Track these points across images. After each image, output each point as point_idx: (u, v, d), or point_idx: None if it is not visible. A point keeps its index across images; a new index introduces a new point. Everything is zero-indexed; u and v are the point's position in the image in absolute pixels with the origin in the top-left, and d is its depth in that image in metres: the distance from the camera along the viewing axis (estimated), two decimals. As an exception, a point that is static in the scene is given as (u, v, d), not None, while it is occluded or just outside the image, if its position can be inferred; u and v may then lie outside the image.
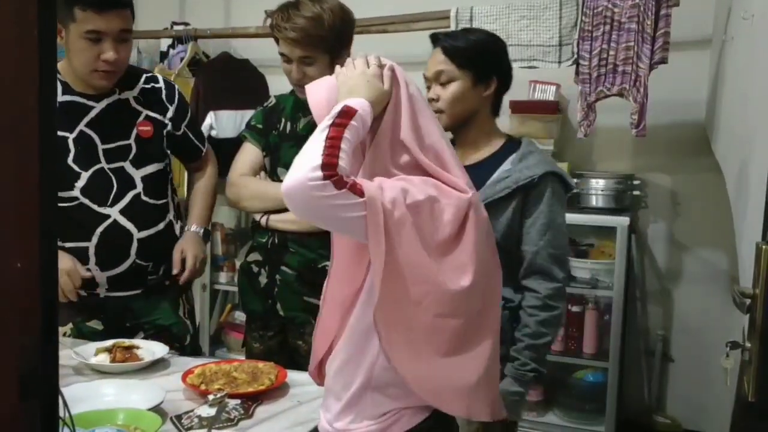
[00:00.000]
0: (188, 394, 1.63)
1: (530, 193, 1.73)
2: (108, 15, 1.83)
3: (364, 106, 1.24)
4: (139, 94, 2.02)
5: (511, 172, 1.74)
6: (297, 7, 1.93)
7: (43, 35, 0.67)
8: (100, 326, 2.00)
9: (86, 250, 1.92)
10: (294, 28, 1.90)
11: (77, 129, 1.92)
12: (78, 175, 1.91)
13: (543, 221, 1.72)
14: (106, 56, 1.85)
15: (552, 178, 1.74)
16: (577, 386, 3.23)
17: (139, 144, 1.98)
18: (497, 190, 1.72)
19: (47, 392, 0.72)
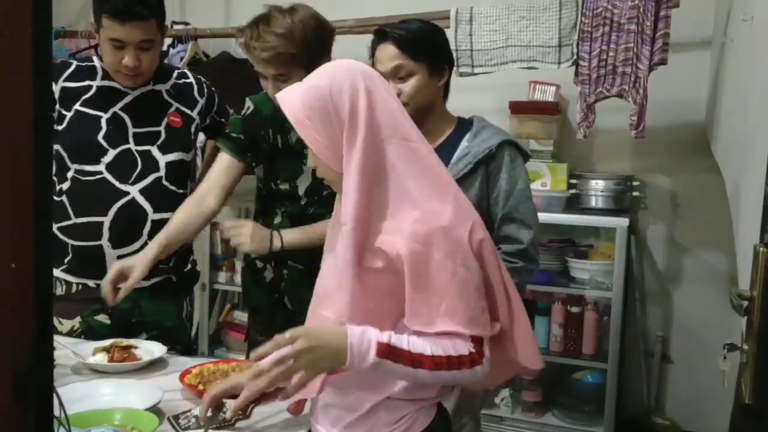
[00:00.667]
0: (186, 394, 1.63)
1: (490, 164, 1.81)
2: (129, 26, 1.89)
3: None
4: (171, 88, 2.11)
5: (470, 148, 1.83)
6: (267, 23, 1.84)
7: (37, 36, 0.67)
8: (108, 320, 2.03)
9: (101, 225, 1.97)
10: (264, 48, 1.81)
11: (111, 111, 2.02)
12: (106, 151, 1.99)
13: (505, 188, 1.80)
14: (126, 63, 1.93)
15: (508, 146, 1.83)
16: (576, 387, 3.23)
17: (168, 131, 2.06)
18: (460, 168, 1.80)
19: (42, 392, 0.73)
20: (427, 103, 1.85)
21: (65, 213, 1.99)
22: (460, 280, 1.19)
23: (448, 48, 1.94)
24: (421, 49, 1.81)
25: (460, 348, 1.19)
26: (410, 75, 1.81)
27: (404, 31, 1.82)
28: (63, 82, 2.01)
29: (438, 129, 1.89)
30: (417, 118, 1.82)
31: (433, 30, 1.90)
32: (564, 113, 3.33)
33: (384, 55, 1.83)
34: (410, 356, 1.17)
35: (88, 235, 1.98)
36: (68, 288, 2.03)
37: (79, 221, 1.98)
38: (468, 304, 1.19)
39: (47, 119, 0.72)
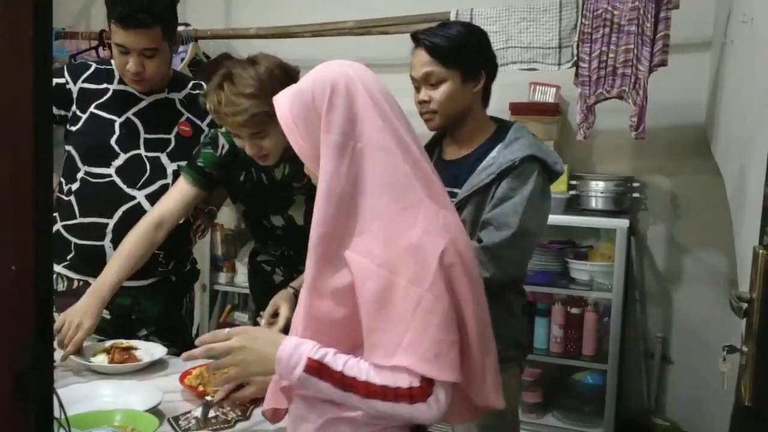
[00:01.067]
0: (186, 395, 1.63)
1: (510, 175, 1.72)
2: (133, 32, 1.91)
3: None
4: (185, 98, 2.13)
5: (496, 158, 1.76)
6: (232, 82, 1.70)
7: (37, 38, 0.67)
8: (108, 316, 2.03)
9: (105, 226, 2.00)
10: (237, 112, 1.68)
11: (125, 115, 2.04)
12: (117, 155, 2.01)
13: (498, 195, 1.71)
14: (129, 68, 1.95)
15: (530, 161, 1.73)
16: (576, 388, 3.23)
17: (178, 140, 2.08)
18: (483, 178, 1.75)
19: (42, 392, 0.73)
20: (459, 110, 1.80)
21: (71, 212, 2.02)
22: (426, 309, 1.08)
23: (488, 52, 1.85)
24: (453, 55, 1.75)
25: (399, 380, 1.09)
26: (441, 82, 1.77)
27: (437, 38, 1.77)
28: (82, 83, 2.04)
29: (474, 136, 1.84)
30: (450, 125, 1.83)
31: (469, 35, 1.81)
32: (564, 114, 3.33)
33: (416, 61, 1.80)
34: (342, 378, 1.11)
35: (91, 235, 2.01)
36: (69, 284, 2.06)
37: (84, 221, 2.01)
38: (433, 338, 1.08)
39: (47, 120, 0.72)
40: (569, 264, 3.21)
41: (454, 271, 1.12)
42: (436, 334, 1.08)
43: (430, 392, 1.09)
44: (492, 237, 1.70)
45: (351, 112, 1.16)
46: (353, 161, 1.15)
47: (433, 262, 1.10)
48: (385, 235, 1.12)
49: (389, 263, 1.10)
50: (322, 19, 3.32)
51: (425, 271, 1.09)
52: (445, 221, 1.16)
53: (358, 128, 1.16)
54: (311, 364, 1.12)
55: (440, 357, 1.07)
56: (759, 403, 1.15)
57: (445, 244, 1.12)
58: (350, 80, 1.18)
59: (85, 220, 2.01)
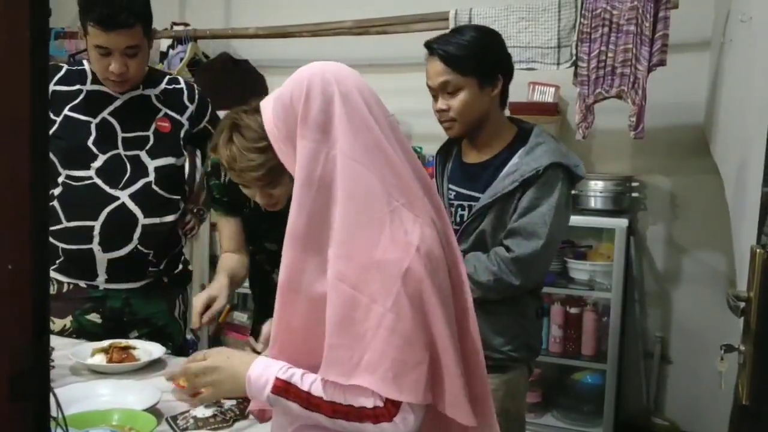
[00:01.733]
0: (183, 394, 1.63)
1: (533, 184, 1.74)
2: (113, 33, 1.88)
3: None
4: (161, 93, 2.10)
5: (519, 165, 1.77)
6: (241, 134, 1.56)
7: (34, 38, 0.67)
8: (99, 320, 2.03)
9: (91, 229, 1.97)
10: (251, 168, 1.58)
11: (100, 116, 2.01)
12: (95, 156, 1.98)
13: (524, 205, 1.73)
14: (113, 69, 1.93)
15: (554, 168, 1.75)
16: (575, 388, 3.23)
17: (156, 137, 2.05)
18: (506, 185, 1.76)
19: (39, 392, 0.72)
20: (478, 116, 1.81)
21: (57, 218, 1.98)
22: (387, 328, 1.04)
23: (503, 54, 1.84)
24: (468, 63, 1.75)
25: (364, 401, 1.08)
26: (458, 90, 1.77)
27: (451, 46, 1.77)
28: (54, 85, 2.01)
29: (494, 141, 1.85)
30: (470, 131, 1.84)
31: (483, 40, 1.79)
32: (563, 114, 3.33)
33: (432, 70, 1.80)
34: (308, 398, 1.11)
35: (78, 239, 1.98)
36: (59, 287, 2.04)
37: (70, 225, 1.98)
38: (393, 358, 1.04)
39: (45, 120, 0.72)
40: (568, 264, 3.22)
41: (422, 289, 1.08)
42: (397, 355, 1.05)
43: (396, 412, 1.07)
44: (522, 248, 1.72)
45: (326, 118, 1.13)
46: (326, 168, 1.11)
47: (396, 280, 1.06)
48: (349, 249, 1.09)
49: (352, 278, 1.07)
50: (321, 19, 3.32)
51: (387, 289, 1.06)
52: (421, 232, 1.10)
53: (332, 134, 1.12)
54: (278, 384, 1.13)
55: (400, 378, 1.05)
56: (756, 402, 1.15)
57: (410, 260, 1.07)
58: (327, 84, 1.14)
59: (71, 224, 1.97)
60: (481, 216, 1.80)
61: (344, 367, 1.07)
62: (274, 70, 3.68)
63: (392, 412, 1.07)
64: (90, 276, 2.00)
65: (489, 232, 1.80)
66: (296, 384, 1.13)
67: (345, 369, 1.07)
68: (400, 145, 1.17)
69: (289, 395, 1.13)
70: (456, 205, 1.89)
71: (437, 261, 1.12)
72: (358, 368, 1.06)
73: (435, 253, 1.12)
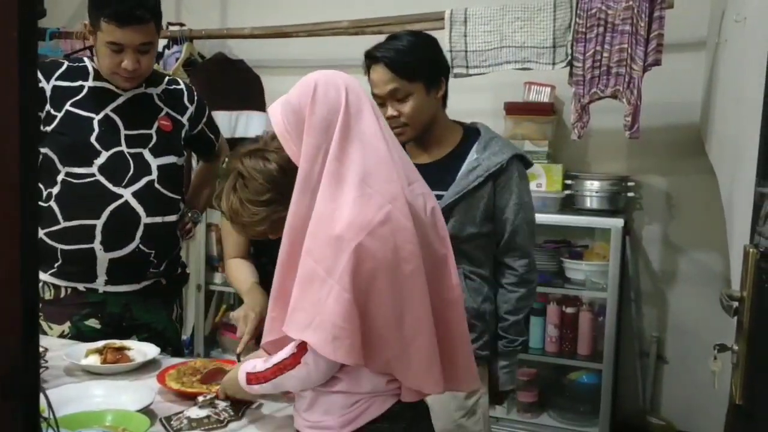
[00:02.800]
0: (180, 395, 1.63)
1: (499, 177, 1.85)
2: (129, 29, 1.89)
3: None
4: (162, 93, 2.11)
5: (480, 161, 1.85)
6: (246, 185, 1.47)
7: (22, 37, 0.66)
8: (98, 325, 2.02)
9: (93, 228, 1.95)
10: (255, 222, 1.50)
11: (103, 112, 2.00)
12: (98, 153, 1.96)
13: (515, 201, 1.87)
14: (126, 66, 1.92)
15: (517, 160, 1.89)
16: (571, 388, 3.23)
17: (159, 135, 2.05)
18: (471, 180, 1.83)
19: (28, 392, 0.72)
20: (427, 119, 1.87)
21: (53, 218, 1.95)
22: (334, 298, 1.21)
23: (442, 57, 1.94)
24: (414, 69, 1.80)
25: (283, 354, 1.32)
26: (407, 96, 1.81)
27: (394, 53, 1.80)
28: (55, 80, 1.98)
29: (443, 139, 1.92)
30: (420, 134, 1.89)
31: (424, 44, 1.87)
32: (559, 114, 3.33)
33: (378, 79, 1.82)
34: (260, 375, 1.37)
35: (79, 239, 1.95)
36: (57, 292, 2.01)
37: (69, 225, 1.95)
38: (333, 323, 1.21)
39: (34, 122, 0.72)
40: (564, 263, 3.22)
41: (371, 266, 1.23)
42: (338, 321, 1.21)
43: (299, 359, 1.29)
44: (525, 266, 1.90)
45: (328, 119, 1.28)
46: (324, 163, 1.27)
47: (344, 255, 1.21)
48: (317, 227, 1.25)
49: (315, 253, 1.24)
50: (317, 19, 3.32)
51: (337, 263, 1.22)
52: (384, 217, 1.24)
53: (329, 133, 1.28)
54: (248, 376, 1.40)
55: (337, 340, 1.22)
56: (750, 402, 1.15)
57: (361, 239, 1.22)
58: (328, 88, 1.30)
59: (71, 223, 1.94)
60: (447, 213, 1.81)
61: (298, 325, 1.25)
62: (270, 70, 3.67)
63: (297, 359, 1.30)
64: (89, 278, 1.98)
65: (456, 227, 1.83)
66: (255, 370, 1.39)
67: (299, 327, 1.25)
68: (389, 135, 1.35)
69: (252, 382, 1.39)
70: None
71: (400, 242, 1.25)
72: (309, 328, 1.24)
73: (399, 235, 1.25)
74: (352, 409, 1.33)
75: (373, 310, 1.25)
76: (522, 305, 1.92)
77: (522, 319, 1.92)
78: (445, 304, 1.37)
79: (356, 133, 1.29)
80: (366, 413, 1.33)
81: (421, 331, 1.30)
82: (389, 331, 1.27)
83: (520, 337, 1.92)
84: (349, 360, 1.24)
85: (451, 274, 1.39)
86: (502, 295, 1.92)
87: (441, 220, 1.42)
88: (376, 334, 1.27)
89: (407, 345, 1.29)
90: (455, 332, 1.39)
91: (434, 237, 1.37)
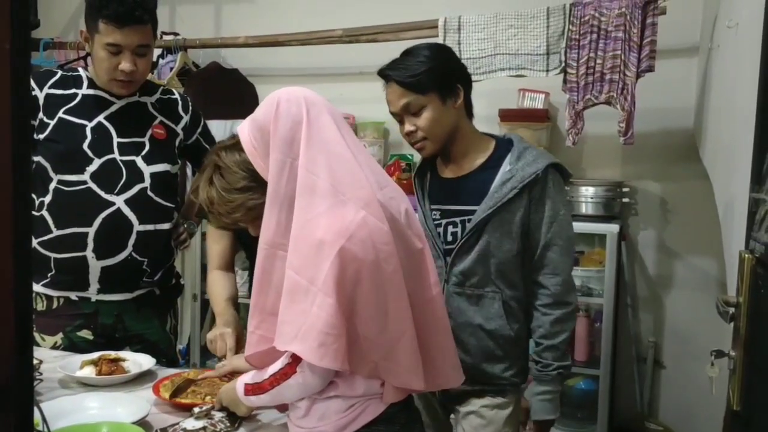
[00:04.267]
0: (176, 406, 1.62)
1: (534, 188, 1.75)
2: (127, 30, 1.89)
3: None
4: (156, 102, 2.11)
5: (514, 171, 1.76)
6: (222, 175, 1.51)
7: (14, 48, 0.66)
8: (91, 336, 2.01)
9: (85, 235, 1.95)
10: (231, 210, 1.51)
11: (96, 120, 2.00)
12: (91, 160, 1.96)
13: (549, 213, 1.76)
14: (123, 68, 1.93)
15: (552, 169, 1.78)
16: (568, 394, 3.22)
17: (152, 143, 2.05)
18: (505, 192, 1.74)
19: (21, 405, 0.72)
20: (448, 129, 1.79)
21: (45, 227, 1.95)
22: (318, 305, 1.24)
23: (457, 65, 1.86)
24: (425, 81, 1.74)
25: (279, 364, 1.35)
26: (421, 108, 1.76)
27: (404, 69, 1.76)
28: (48, 89, 1.98)
29: (472, 151, 1.83)
30: (443, 147, 1.82)
31: (434, 55, 1.79)
32: (553, 120, 3.34)
33: (391, 96, 1.79)
34: (256, 387, 1.39)
35: (71, 247, 1.95)
36: (49, 303, 2.00)
37: (61, 233, 1.95)
38: (319, 330, 1.24)
39: (26, 132, 0.72)
40: (572, 261, 3.21)
41: (355, 269, 1.26)
42: (323, 328, 1.24)
43: (295, 368, 1.32)
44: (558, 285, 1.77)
45: (291, 134, 1.32)
46: (290, 176, 1.31)
47: (327, 261, 1.24)
48: (297, 241, 1.28)
49: (296, 265, 1.27)
50: (311, 28, 3.32)
51: (319, 271, 1.24)
52: (361, 221, 1.28)
53: (294, 147, 1.32)
54: (246, 387, 1.42)
55: (323, 346, 1.24)
56: (747, 408, 1.15)
57: (341, 244, 1.24)
58: (290, 104, 1.34)
59: (63, 231, 1.94)
60: (480, 230, 1.76)
61: (286, 337, 1.28)
62: (265, 78, 3.67)
63: (293, 368, 1.32)
64: (82, 286, 1.97)
65: (493, 244, 1.76)
66: (253, 381, 1.40)
67: (287, 339, 1.28)
68: (358, 150, 1.39)
69: (250, 392, 1.41)
70: (444, 224, 1.83)
71: (379, 245, 1.28)
72: (296, 339, 1.26)
73: (377, 238, 1.28)
74: (347, 413, 1.36)
75: (359, 313, 1.28)
76: (557, 329, 1.77)
77: (560, 343, 1.78)
78: (424, 302, 1.40)
79: (320, 143, 1.32)
80: (361, 417, 1.36)
81: (404, 329, 1.33)
82: (375, 334, 1.30)
83: (556, 362, 1.78)
84: (335, 365, 1.26)
85: (429, 272, 1.42)
86: (536, 319, 1.79)
87: (415, 220, 1.46)
88: (363, 337, 1.30)
89: (393, 344, 1.33)
90: (435, 329, 1.42)
91: (410, 234, 1.40)
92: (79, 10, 4.23)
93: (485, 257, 1.77)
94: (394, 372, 1.34)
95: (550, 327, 1.77)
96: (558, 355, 1.78)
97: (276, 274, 1.33)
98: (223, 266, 1.97)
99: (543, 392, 1.80)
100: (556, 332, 1.77)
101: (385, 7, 3.41)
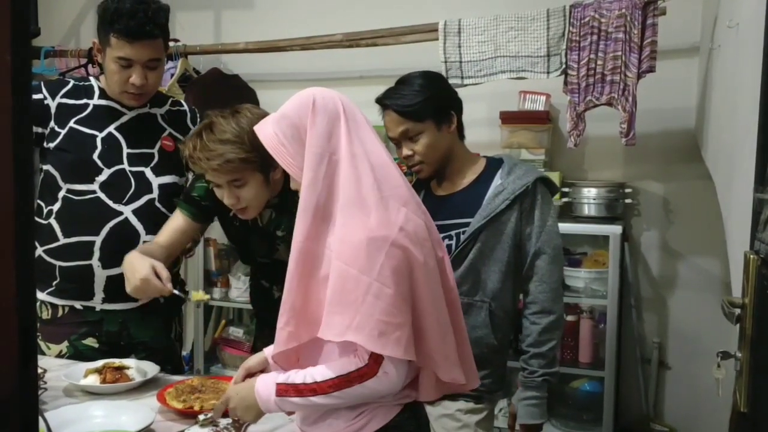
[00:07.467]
0: (180, 414, 1.62)
1: (524, 200, 1.85)
2: (138, 45, 1.90)
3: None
4: (166, 113, 2.13)
5: (505, 185, 1.86)
6: (211, 130, 1.71)
7: (15, 60, 0.66)
8: (96, 344, 2.01)
9: (92, 244, 1.96)
10: (211, 157, 1.67)
11: (107, 130, 2.02)
12: (100, 170, 1.98)
13: (537, 224, 1.86)
14: (134, 81, 1.94)
15: (541, 183, 1.89)
16: (573, 396, 3.21)
17: (161, 154, 2.06)
18: (497, 204, 1.84)
19: (26, 418, 0.71)
20: (443, 153, 1.90)
21: (53, 235, 1.96)
22: (374, 294, 1.23)
23: (450, 93, 1.96)
24: (422, 110, 1.85)
25: (348, 366, 1.28)
26: (418, 135, 1.87)
27: (401, 98, 1.86)
28: (60, 98, 2.00)
29: (465, 170, 1.94)
30: (438, 168, 1.93)
31: (429, 84, 1.89)
32: (555, 122, 3.34)
33: (389, 123, 1.90)
34: (305, 388, 1.31)
35: (77, 255, 1.96)
36: (54, 311, 2.01)
37: (68, 241, 1.96)
38: (378, 319, 1.23)
39: (28, 143, 0.72)
40: (563, 271, 3.20)
41: (407, 259, 1.27)
42: (381, 317, 1.23)
43: (377, 369, 1.27)
44: (546, 293, 1.85)
45: (329, 128, 1.33)
46: (329, 170, 1.32)
47: (380, 254, 1.25)
48: (344, 233, 1.28)
49: (345, 256, 1.26)
50: (311, 33, 3.32)
51: (373, 262, 1.24)
52: (405, 217, 1.31)
53: (333, 141, 1.33)
54: (280, 387, 1.33)
55: (384, 336, 1.23)
56: (754, 410, 1.14)
57: (394, 236, 1.27)
58: (326, 101, 1.36)
59: (70, 240, 1.96)
60: (473, 239, 1.85)
61: (338, 328, 1.25)
62: (265, 84, 3.68)
63: (373, 369, 1.27)
64: (87, 295, 1.98)
65: (486, 254, 1.85)
66: (293, 381, 1.32)
67: (339, 330, 1.25)
68: (383, 147, 1.40)
69: (289, 393, 1.32)
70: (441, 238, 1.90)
71: (422, 240, 1.31)
72: (350, 329, 1.23)
73: (420, 233, 1.32)
74: (356, 420, 1.36)
75: (416, 305, 1.30)
76: (545, 338, 1.85)
77: (547, 351, 1.85)
78: (449, 302, 1.42)
79: (358, 140, 1.35)
80: (370, 424, 1.35)
81: (448, 324, 1.36)
82: (430, 323, 1.31)
83: (542, 369, 1.86)
84: (399, 352, 1.24)
85: (448, 276, 1.44)
86: (525, 327, 1.87)
87: (434, 227, 1.46)
88: (417, 326, 1.30)
89: (444, 338, 1.34)
90: (459, 329, 1.44)
91: (433, 239, 1.42)
92: (79, 19, 4.24)
93: (477, 267, 1.86)
94: (443, 367, 1.35)
95: (537, 336, 1.84)
96: (545, 362, 1.86)
97: (312, 264, 1.31)
98: (165, 244, 1.91)
99: (528, 397, 1.89)
100: (543, 341, 1.85)
101: (384, 11, 3.41)
